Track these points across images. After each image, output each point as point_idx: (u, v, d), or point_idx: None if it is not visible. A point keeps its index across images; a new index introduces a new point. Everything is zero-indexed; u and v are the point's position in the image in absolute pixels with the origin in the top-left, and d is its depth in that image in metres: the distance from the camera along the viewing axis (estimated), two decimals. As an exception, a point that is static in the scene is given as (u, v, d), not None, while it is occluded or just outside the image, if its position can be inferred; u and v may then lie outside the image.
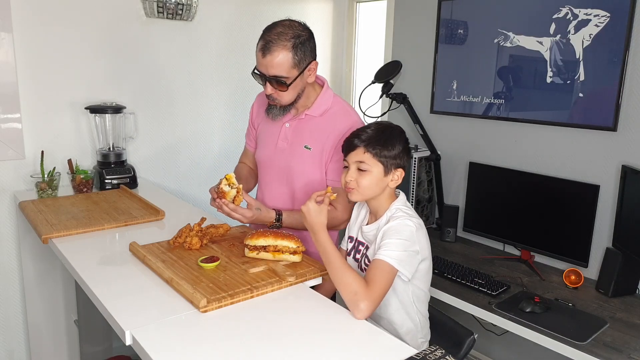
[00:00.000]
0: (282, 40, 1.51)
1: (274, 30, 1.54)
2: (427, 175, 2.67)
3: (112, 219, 1.79)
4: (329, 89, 1.73)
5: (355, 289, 1.25)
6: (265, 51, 1.52)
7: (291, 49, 1.52)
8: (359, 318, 1.23)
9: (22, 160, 2.21)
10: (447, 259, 2.29)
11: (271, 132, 1.75)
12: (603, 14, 2.05)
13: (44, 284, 2.20)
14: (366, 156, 1.40)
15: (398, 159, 1.41)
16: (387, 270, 1.31)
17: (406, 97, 2.57)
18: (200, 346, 1.07)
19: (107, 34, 2.36)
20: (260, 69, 1.56)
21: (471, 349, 1.58)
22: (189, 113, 2.70)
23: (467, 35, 2.56)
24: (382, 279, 1.29)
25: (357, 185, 1.41)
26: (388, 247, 1.33)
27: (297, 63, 1.54)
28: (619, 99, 2.04)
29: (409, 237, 1.36)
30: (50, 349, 2.26)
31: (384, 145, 1.40)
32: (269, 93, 1.60)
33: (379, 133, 1.42)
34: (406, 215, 1.40)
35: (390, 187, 1.44)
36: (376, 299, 1.26)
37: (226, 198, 1.51)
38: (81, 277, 1.36)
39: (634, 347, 1.64)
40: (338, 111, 1.68)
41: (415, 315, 1.48)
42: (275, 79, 1.55)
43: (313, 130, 1.67)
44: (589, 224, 2.08)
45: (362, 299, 1.23)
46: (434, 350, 1.17)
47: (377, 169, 1.40)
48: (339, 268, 1.29)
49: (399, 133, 1.45)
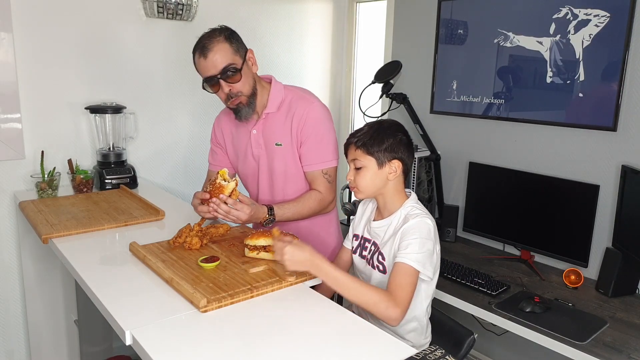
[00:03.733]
0: (214, 38, 1.59)
1: (203, 38, 1.61)
2: (427, 175, 2.67)
3: (112, 219, 1.79)
4: (278, 82, 1.76)
5: (386, 304, 1.27)
6: (205, 52, 1.58)
7: (225, 40, 1.60)
8: (395, 325, 1.30)
9: (22, 160, 2.21)
10: (447, 259, 2.29)
11: (241, 144, 1.78)
12: (603, 14, 2.05)
13: (44, 284, 2.20)
14: (358, 153, 1.43)
15: (391, 151, 1.42)
16: (410, 273, 1.33)
17: (406, 97, 2.57)
18: (200, 346, 1.07)
19: (107, 34, 2.36)
20: (209, 72, 1.60)
21: (471, 349, 1.59)
22: (189, 113, 2.70)
23: (467, 35, 2.56)
24: (408, 283, 1.33)
25: (356, 184, 1.44)
26: (410, 249, 1.35)
27: (237, 50, 1.62)
28: (618, 99, 2.04)
29: (428, 236, 1.38)
30: (50, 349, 2.26)
31: (373, 139, 1.42)
32: (227, 92, 1.63)
33: (370, 129, 1.45)
34: (423, 213, 1.42)
35: (390, 179, 1.44)
36: (405, 303, 1.30)
37: (224, 193, 1.51)
38: (81, 277, 1.36)
39: (634, 347, 1.64)
40: (293, 98, 1.71)
41: (423, 318, 1.49)
42: (226, 71, 1.59)
43: (277, 126, 1.70)
44: (589, 224, 2.08)
45: (392, 306, 1.27)
46: (434, 350, 1.17)
47: (371, 164, 1.42)
48: (357, 288, 1.29)
49: (389, 126, 1.46)
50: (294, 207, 1.67)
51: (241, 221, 1.56)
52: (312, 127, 1.67)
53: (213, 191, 1.51)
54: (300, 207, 1.68)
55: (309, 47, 3.12)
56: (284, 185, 1.75)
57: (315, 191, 1.70)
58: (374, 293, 1.29)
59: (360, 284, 1.30)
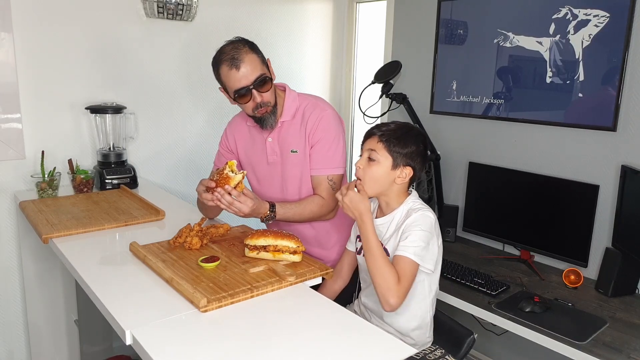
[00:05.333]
0: (240, 49, 1.59)
1: (228, 50, 1.60)
2: (427, 175, 2.67)
3: (113, 219, 1.80)
4: (292, 90, 1.77)
5: (390, 285, 1.32)
6: (237, 64, 1.57)
7: (252, 51, 1.61)
8: (388, 311, 1.34)
9: (22, 160, 2.21)
10: (447, 259, 2.29)
11: (257, 152, 1.78)
12: (603, 14, 2.05)
13: (44, 284, 2.20)
14: (379, 146, 1.44)
15: (409, 157, 1.43)
16: (410, 265, 1.36)
17: (406, 97, 2.57)
18: (200, 346, 1.07)
19: (108, 34, 2.36)
20: (242, 83, 1.59)
21: (471, 349, 1.59)
22: (189, 113, 2.70)
23: (467, 35, 2.56)
24: (408, 275, 1.36)
25: (363, 175, 1.44)
26: (410, 242, 1.37)
27: (263, 60, 1.64)
28: (618, 99, 2.04)
29: (429, 229, 1.40)
30: (50, 349, 2.26)
31: (398, 140, 1.43)
32: (258, 101, 1.63)
33: (398, 129, 1.46)
34: (425, 207, 1.44)
35: (398, 183, 1.45)
36: (403, 295, 1.34)
37: (230, 184, 1.50)
38: (81, 277, 1.36)
39: (634, 346, 1.64)
40: (307, 106, 1.72)
41: (427, 315, 1.51)
42: (259, 81, 1.59)
43: (292, 133, 1.71)
44: (589, 224, 2.08)
45: (394, 295, 1.31)
46: (434, 350, 1.17)
47: (387, 162, 1.43)
48: (380, 260, 1.35)
49: (416, 135, 1.47)
50: (295, 208, 1.67)
51: (243, 214, 1.54)
52: (322, 131, 1.68)
53: (219, 181, 1.51)
54: (301, 209, 1.68)
55: (308, 47, 3.12)
56: (298, 190, 1.74)
57: (318, 196, 1.70)
58: (392, 278, 1.33)
59: (387, 262, 1.35)
